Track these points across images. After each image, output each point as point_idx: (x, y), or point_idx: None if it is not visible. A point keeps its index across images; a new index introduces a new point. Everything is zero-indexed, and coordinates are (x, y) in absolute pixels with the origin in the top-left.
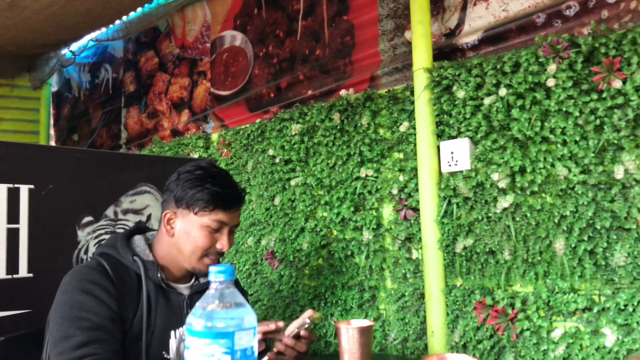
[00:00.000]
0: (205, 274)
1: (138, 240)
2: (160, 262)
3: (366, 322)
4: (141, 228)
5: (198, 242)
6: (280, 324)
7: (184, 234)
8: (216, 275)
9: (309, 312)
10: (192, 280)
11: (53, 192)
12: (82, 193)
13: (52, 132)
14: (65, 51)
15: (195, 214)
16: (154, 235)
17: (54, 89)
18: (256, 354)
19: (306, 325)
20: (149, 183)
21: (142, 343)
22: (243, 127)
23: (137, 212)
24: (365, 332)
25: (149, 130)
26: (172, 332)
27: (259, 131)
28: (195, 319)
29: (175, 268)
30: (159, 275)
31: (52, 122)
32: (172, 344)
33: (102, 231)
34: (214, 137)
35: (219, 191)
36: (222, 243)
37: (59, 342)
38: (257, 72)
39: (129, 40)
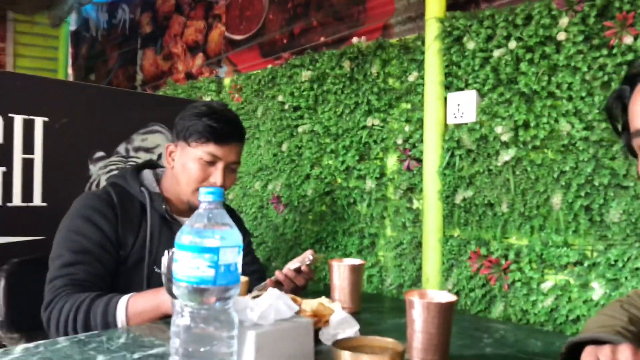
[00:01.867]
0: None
1: (147, 173)
2: (166, 195)
3: (357, 261)
4: (152, 163)
5: (191, 173)
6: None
7: (180, 165)
8: (205, 195)
9: (309, 251)
10: None
11: (66, 126)
12: (95, 129)
13: (70, 71)
14: None
15: (190, 145)
16: (163, 171)
17: (73, 27)
18: (240, 270)
19: (308, 262)
20: (160, 123)
21: (144, 266)
22: (254, 72)
23: (148, 150)
24: (355, 270)
25: (164, 72)
26: (166, 251)
27: (270, 77)
28: (184, 235)
29: (178, 201)
30: (163, 207)
31: (70, 61)
32: (164, 260)
33: (114, 167)
34: (226, 81)
35: (213, 125)
36: (215, 177)
37: (52, 260)
38: (272, 17)
39: None
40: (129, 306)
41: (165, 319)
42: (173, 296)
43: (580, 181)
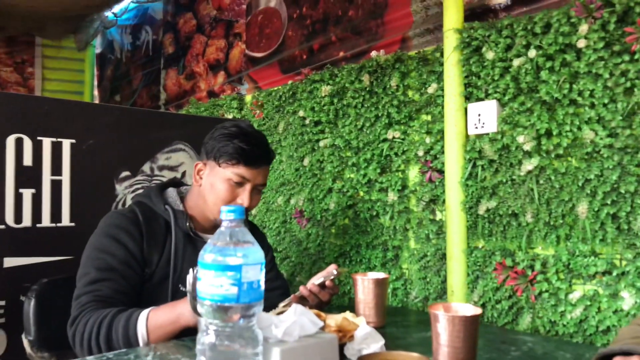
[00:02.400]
0: None
1: (171, 191)
2: (190, 213)
3: (381, 275)
4: (175, 182)
5: (220, 194)
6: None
7: (209, 184)
8: (227, 214)
9: (333, 266)
10: None
11: (93, 147)
12: (120, 149)
13: (95, 92)
14: (108, 13)
15: (220, 165)
16: (187, 189)
17: (98, 50)
18: (262, 287)
19: (332, 277)
20: (183, 141)
21: (169, 283)
22: (275, 88)
23: (172, 168)
24: (380, 284)
25: (186, 91)
26: (190, 269)
27: (290, 92)
28: (206, 254)
29: (203, 218)
30: (187, 224)
31: (95, 83)
32: (189, 278)
33: (139, 185)
34: (248, 98)
35: (244, 147)
36: (242, 198)
37: (79, 278)
38: (291, 33)
39: (168, 2)
40: (149, 319)
41: (191, 336)
42: (198, 314)
43: (606, 189)
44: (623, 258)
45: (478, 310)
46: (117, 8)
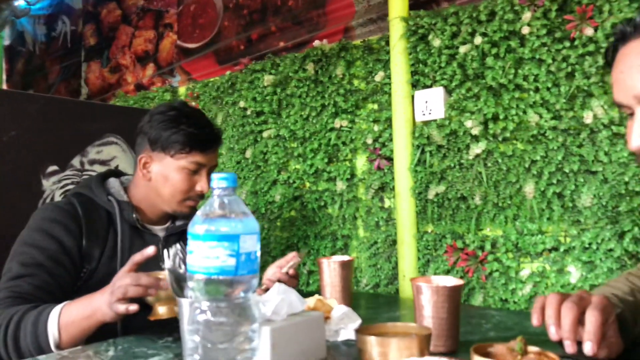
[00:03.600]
0: (188, 216)
1: (113, 181)
2: (135, 204)
3: (346, 257)
4: (116, 172)
5: (177, 185)
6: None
7: (161, 177)
8: (219, 181)
9: (293, 254)
10: (168, 223)
11: (15, 139)
12: (47, 141)
13: (5, 87)
14: (18, 2)
15: (172, 156)
16: (129, 179)
17: (7, 42)
18: (259, 259)
19: (293, 264)
20: (116, 134)
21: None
22: (212, 79)
23: (103, 162)
24: (345, 266)
25: (111, 85)
26: (165, 251)
27: (229, 83)
28: (198, 225)
29: (152, 211)
30: (134, 216)
31: (4, 77)
32: (166, 261)
33: (68, 181)
34: (182, 90)
35: (194, 132)
36: (201, 185)
37: (3, 274)
38: (227, 23)
39: None
40: (62, 315)
41: (152, 327)
42: (180, 295)
43: (551, 169)
44: (568, 235)
45: (460, 282)
46: None
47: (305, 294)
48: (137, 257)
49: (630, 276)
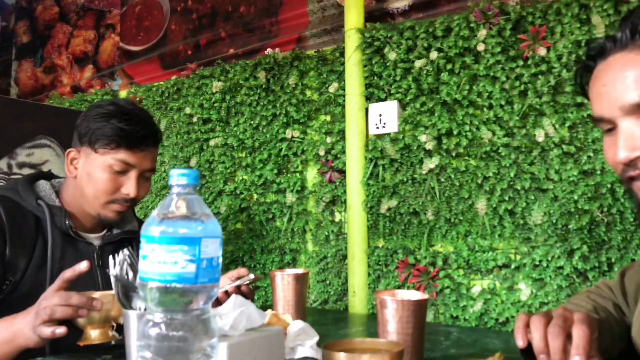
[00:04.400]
0: (114, 222)
1: (43, 184)
2: (68, 209)
3: (301, 270)
4: (46, 174)
5: (99, 184)
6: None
7: (85, 174)
8: (178, 177)
9: (243, 270)
10: (104, 231)
11: None
12: None
13: None
14: None
15: (97, 151)
16: (61, 182)
17: None
18: (220, 267)
19: (248, 282)
20: (49, 136)
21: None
22: (156, 84)
23: (34, 166)
24: (300, 279)
25: (45, 85)
26: (111, 257)
27: (175, 88)
28: (154, 227)
29: (83, 216)
30: (66, 222)
31: None
32: (112, 268)
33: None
34: (123, 93)
35: (124, 127)
36: (127, 187)
37: None
38: (174, 27)
39: None
40: None
41: (84, 351)
42: (127, 306)
43: (503, 186)
44: (519, 252)
45: (425, 296)
46: None
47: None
48: (68, 273)
49: (591, 294)
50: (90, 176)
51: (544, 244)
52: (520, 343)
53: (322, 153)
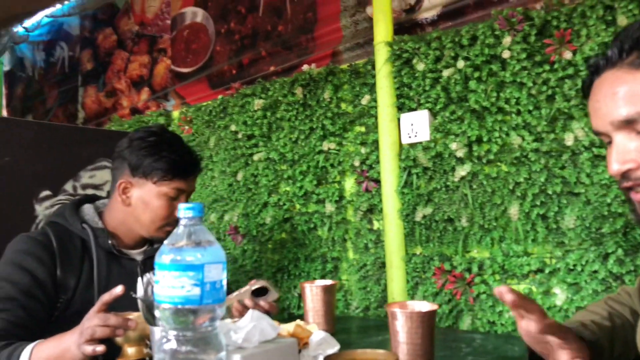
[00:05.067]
0: (162, 241)
1: (87, 208)
2: (111, 230)
3: (329, 282)
4: (90, 197)
5: (158, 211)
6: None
7: (141, 203)
8: (185, 211)
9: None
10: (145, 246)
11: (9, 164)
12: (40, 167)
13: (4, 113)
14: (18, 28)
15: (154, 183)
16: (105, 203)
17: (6, 68)
18: (225, 288)
19: (272, 300)
20: (108, 158)
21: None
22: (205, 103)
23: (96, 187)
24: (328, 290)
25: (107, 109)
26: (139, 279)
27: (221, 107)
28: (164, 255)
29: (129, 236)
30: (109, 242)
31: (4, 102)
32: (140, 285)
33: (60, 205)
34: (175, 114)
35: (176, 159)
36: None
37: None
38: (219, 48)
39: (85, 17)
40: (33, 355)
41: None
42: (152, 323)
43: (535, 191)
44: (553, 256)
45: (434, 306)
46: (28, 23)
47: (297, 317)
48: (106, 297)
49: (610, 300)
50: (147, 204)
51: (578, 248)
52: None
53: (357, 163)
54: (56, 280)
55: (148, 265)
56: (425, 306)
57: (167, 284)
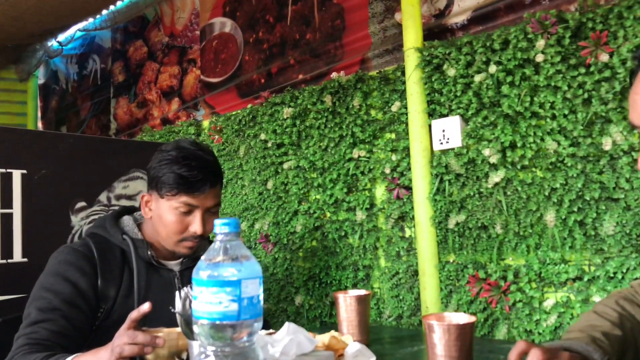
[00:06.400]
0: (187, 256)
1: (127, 220)
2: (149, 241)
3: (363, 292)
4: (129, 209)
5: (170, 226)
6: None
7: (157, 217)
8: (221, 227)
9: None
10: (182, 257)
11: (46, 177)
12: (75, 178)
13: (39, 125)
14: (52, 42)
15: (163, 197)
16: (143, 215)
17: (41, 81)
18: (262, 303)
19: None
20: (141, 169)
21: None
22: (234, 112)
23: (130, 197)
24: (362, 301)
25: (138, 119)
26: (177, 293)
27: (251, 116)
28: (201, 271)
29: (163, 246)
30: (148, 253)
31: (39, 114)
32: (178, 301)
33: (96, 216)
34: (205, 123)
35: (183, 174)
36: (194, 226)
37: (23, 319)
38: (248, 58)
39: (116, 30)
40: None
41: None
42: (191, 337)
43: (572, 197)
44: (592, 263)
45: (472, 318)
46: (61, 37)
47: (329, 325)
48: (134, 314)
49: (620, 299)
50: (161, 218)
51: (618, 255)
52: None
53: (388, 171)
54: (97, 290)
55: (186, 276)
56: (462, 318)
57: (205, 300)
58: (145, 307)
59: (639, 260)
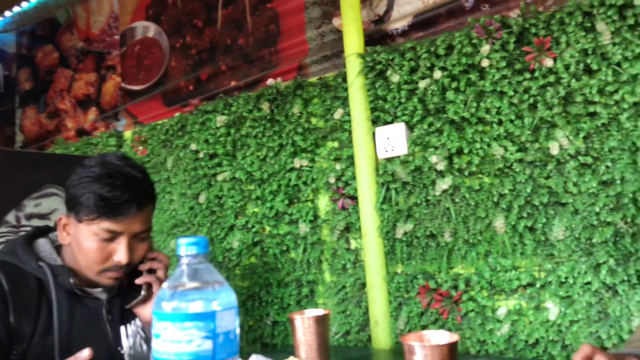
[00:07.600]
0: (113, 287)
1: (42, 243)
2: (70, 266)
3: (322, 311)
4: (44, 229)
5: (89, 254)
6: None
7: (76, 243)
8: (187, 247)
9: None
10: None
11: None
12: None
13: None
14: None
15: (81, 221)
16: None
17: None
18: (238, 338)
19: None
20: (56, 184)
21: (54, 357)
22: (160, 122)
23: (43, 216)
24: (322, 321)
25: (49, 131)
26: (123, 328)
27: (179, 125)
28: (164, 302)
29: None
30: (70, 280)
31: None
32: (124, 340)
33: (3, 239)
34: (127, 134)
35: (104, 195)
36: (119, 255)
37: None
38: (174, 64)
39: (22, 34)
40: None
41: None
42: None
43: (520, 202)
44: (543, 269)
45: (454, 337)
46: None
47: (270, 347)
48: None
49: None
50: (80, 245)
51: (568, 259)
52: None
53: (332, 180)
54: (9, 329)
55: (115, 305)
56: (444, 337)
57: (171, 338)
58: (85, 354)
59: (589, 264)
